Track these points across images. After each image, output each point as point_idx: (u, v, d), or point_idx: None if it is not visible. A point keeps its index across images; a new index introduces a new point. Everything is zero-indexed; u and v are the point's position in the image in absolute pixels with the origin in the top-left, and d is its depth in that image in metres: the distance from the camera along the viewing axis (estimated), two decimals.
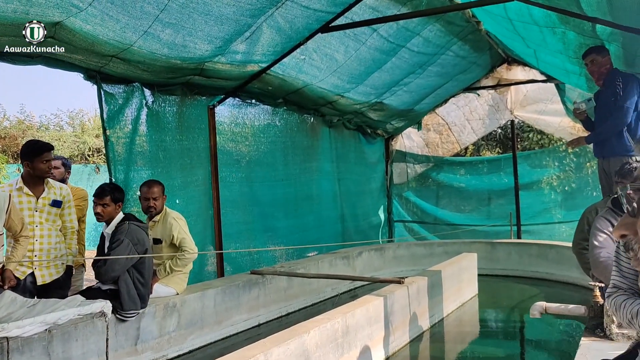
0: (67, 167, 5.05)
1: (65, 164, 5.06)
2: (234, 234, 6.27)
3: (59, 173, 4.86)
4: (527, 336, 5.37)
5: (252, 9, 4.35)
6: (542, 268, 7.31)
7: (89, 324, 3.76)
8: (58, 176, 4.83)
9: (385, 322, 4.34)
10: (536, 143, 13.73)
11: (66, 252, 4.17)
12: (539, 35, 5.32)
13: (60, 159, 5.07)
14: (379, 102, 7.77)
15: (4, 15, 3.28)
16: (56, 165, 4.86)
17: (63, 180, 4.88)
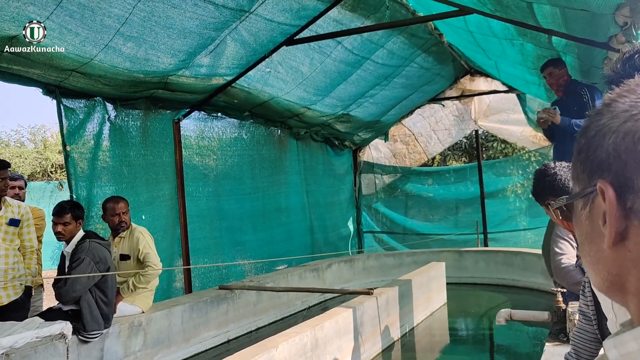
0: (26, 185, 4.91)
1: (26, 182, 4.94)
2: (202, 248, 6.18)
3: (23, 194, 4.73)
4: (495, 343, 5.44)
5: (216, 22, 4.34)
6: (508, 275, 7.43)
7: (49, 346, 3.63)
8: (23, 197, 4.69)
9: (354, 334, 4.33)
10: (500, 152, 14.02)
11: (25, 272, 4.04)
12: (499, 47, 5.45)
13: (22, 177, 4.92)
14: (346, 113, 7.82)
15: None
16: (21, 185, 4.72)
17: (23, 200, 4.74)
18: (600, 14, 3.04)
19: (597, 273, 0.55)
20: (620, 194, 0.50)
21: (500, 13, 4.17)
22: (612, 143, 0.51)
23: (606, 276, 0.54)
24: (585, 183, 0.54)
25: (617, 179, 0.50)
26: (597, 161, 0.52)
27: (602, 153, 0.52)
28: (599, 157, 0.52)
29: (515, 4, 3.72)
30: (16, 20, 3.33)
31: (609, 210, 0.51)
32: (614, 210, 0.50)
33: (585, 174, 0.55)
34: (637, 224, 0.49)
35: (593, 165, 0.53)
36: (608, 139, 0.51)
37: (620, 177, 0.50)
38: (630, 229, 0.50)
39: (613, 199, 0.50)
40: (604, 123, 0.53)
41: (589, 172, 0.54)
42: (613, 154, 0.50)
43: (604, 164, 0.51)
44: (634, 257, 0.50)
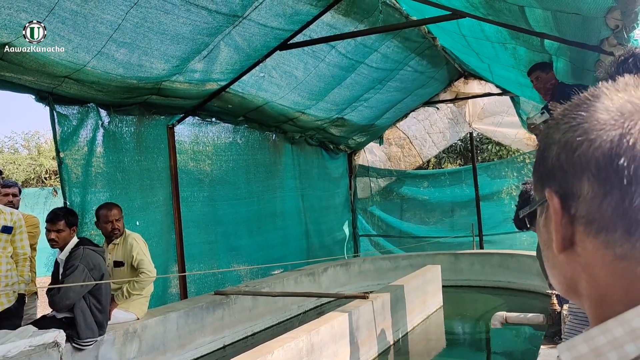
0: (20, 192, 4.88)
1: (20, 189, 4.92)
2: (197, 254, 6.16)
3: (17, 201, 4.71)
4: (492, 346, 5.44)
5: (209, 28, 4.34)
6: (504, 277, 7.44)
7: (43, 354, 3.60)
8: (17, 204, 4.66)
9: (350, 338, 4.32)
10: (495, 154, 14.07)
11: (18, 279, 4.01)
12: (492, 51, 5.48)
13: (16, 184, 4.89)
14: (340, 117, 7.83)
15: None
16: (15, 192, 4.69)
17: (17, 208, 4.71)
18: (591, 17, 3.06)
19: (555, 277, 0.59)
20: (564, 202, 0.53)
21: (492, 17, 4.19)
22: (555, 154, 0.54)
23: (562, 280, 0.57)
24: (540, 193, 0.58)
25: (561, 187, 0.53)
26: (545, 171, 0.56)
27: (548, 164, 0.55)
28: (547, 168, 0.56)
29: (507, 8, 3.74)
30: (8, 27, 3.32)
31: (554, 218, 0.54)
32: (559, 217, 0.53)
33: (539, 184, 0.58)
34: (581, 230, 0.52)
35: (542, 175, 0.57)
36: (552, 151, 0.55)
37: (564, 185, 0.53)
38: (577, 235, 0.53)
39: (558, 206, 0.53)
40: (549, 135, 0.56)
41: (541, 183, 0.57)
42: (556, 164, 0.54)
43: (550, 174, 0.55)
44: (582, 262, 0.53)
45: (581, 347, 0.49)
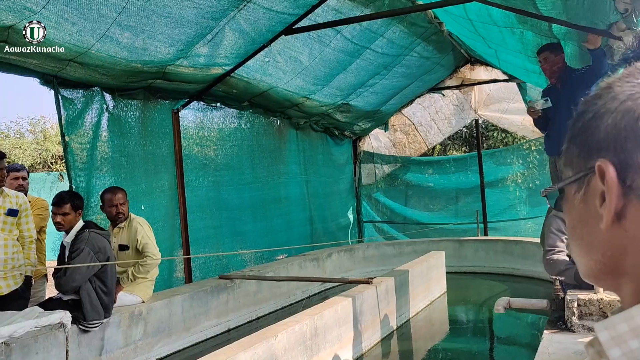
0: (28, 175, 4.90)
1: (28, 172, 4.93)
2: (202, 238, 6.19)
3: (27, 184, 4.73)
4: (495, 331, 5.46)
5: (214, 11, 4.31)
6: (508, 264, 7.45)
7: (50, 336, 3.65)
8: (27, 187, 4.70)
9: (354, 323, 4.34)
10: (500, 141, 14.01)
11: (24, 262, 4.04)
12: (499, 36, 5.42)
13: (24, 168, 4.91)
14: (345, 103, 7.80)
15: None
16: (24, 176, 4.72)
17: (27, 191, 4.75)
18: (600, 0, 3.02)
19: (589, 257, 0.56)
20: (620, 172, 0.51)
21: (500, 1, 4.14)
22: (612, 123, 0.52)
23: (600, 259, 0.54)
24: (581, 166, 0.55)
25: (617, 157, 0.51)
26: (594, 142, 0.53)
27: (600, 134, 0.53)
28: (596, 138, 0.53)
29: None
30: (13, 10, 3.31)
31: (610, 189, 0.51)
32: (615, 188, 0.51)
33: (581, 158, 0.55)
34: (635, 202, 0.50)
35: (591, 146, 0.54)
36: (607, 120, 0.52)
37: (620, 155, 0.51)
38: (629, 208, 0.51)
39: (614, 176, 0.51)
40: (602, 105, 0.54)
41: (585, 155, 0.55)
42: (612, 133, 0.51)
43: (603, 144, 0.52)
44: (630, 236, 0.51)
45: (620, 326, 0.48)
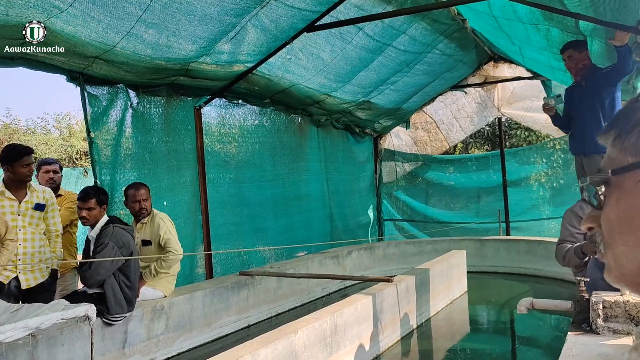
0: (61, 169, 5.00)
1: (61, 167, 5.04)
2: (223, 235, 6.24)
3: (59, 177, 4.85)
4: (516, 332, 5.39)
5: (236, 9, 4.33)
6: (531, 264, 7.35)
7: (75, 328, 3.72)
8: (58, 180, 4.82)
9: (374, 321, 4.34)
10: (524, 140, 13.82)
11: (51, 255, 4.13)
12: (524, 32, 5.34)
13: (57, 162, 5.02)
14: (367, 101, 7.77)
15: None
16: (56, 169, 4.84)
17: (59, 185, 4.85)
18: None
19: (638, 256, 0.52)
20: None
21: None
22: None
23: None
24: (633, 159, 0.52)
25: None
26: None
27: None
28: None
29: None
30: (40, 7, 3.37)
31: None
32: None
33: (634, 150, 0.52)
34: None
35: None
36: None
37: None
38: None
39: None
40: None
41: None
42: None
43: None
44: None
45: None
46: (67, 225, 4.74)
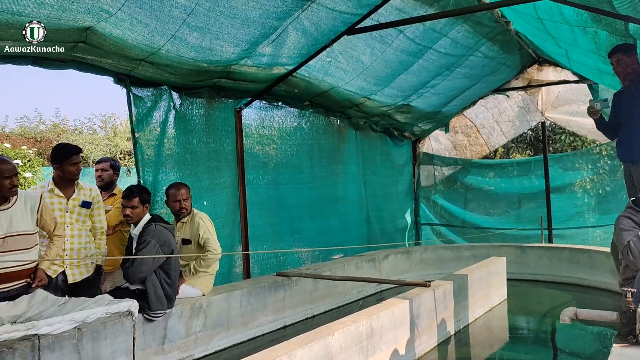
0: (115, 168, 5.10)
1: (114, 165, 5.12)
2: (261, 235, 6.31)
3: (107, 175, 4.98)
4: (558, 343, 5.25)
5: (278, 12, 4.37)
6: (574, 273, 7.14)
7: (117, 322, 3.83)
8: (107, 178, 4.96)
9: (410, 326, 4.30)
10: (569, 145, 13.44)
11: (96, 251, 4.26)
12: (571, 35, 5.20)
13: (109, 160, 5.16)
14: (406, 104, 7.72)
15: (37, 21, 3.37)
16: (104, 167, 4.98)
17: (112, 182, 4.99)
18: None
19: None
20: None
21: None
22: None
23: None
24: None
25: None
26: None
27: None
28: None
29: None
30: (91, 12, 3.49)
31: None
32: None
33: None
34: None
35: None
36: None
37: None
38: None
39: None
40: None
41: None
42: None
43: None
44: None
45: None
46: (119, 224, 4.83)
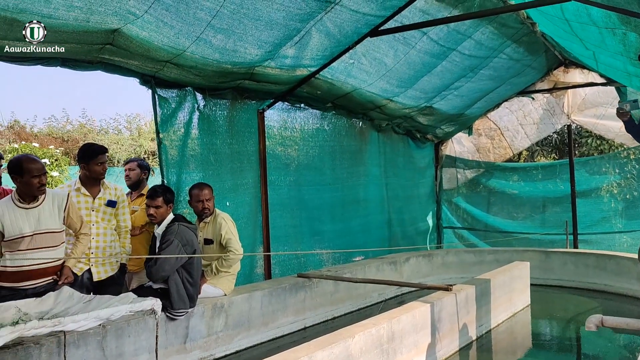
0: (143, 167, 5.14)
1: (141, 164, 5.17)
2: (282, 236, 6.33)
3: (134, 174, 5.05)
4: (583, 350, 5.15)
5: (302, 14, 4.39)
6: (600, 279, 6.99)
7: (141, 321, 3.88)
8: (134, 177, 5.03)
9: (432, 330, 4.26)
10: (595, 149, 13.21)
11: (120, 250, 4.33)
12: (598, 37, 5.11)
13: (136, 160, 5.24)
14: (429, 106, 7.67)
15: (66, 23, 3.44)
16: (131, 167, 5.06)
17: (140, 181, 5.06)
18: None
19: None
20: None
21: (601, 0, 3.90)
22: None
23: None
24: None
25: None
26: None
27: None
28: None
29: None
30: (118, 14, 3.55)
31: None
32: None
33: None
34: None
35: None
36: None
37: None
38: None
39: None
40: None
41: None
42: None
43: None
44: None
45: None
46: (146, 224, 4.86)
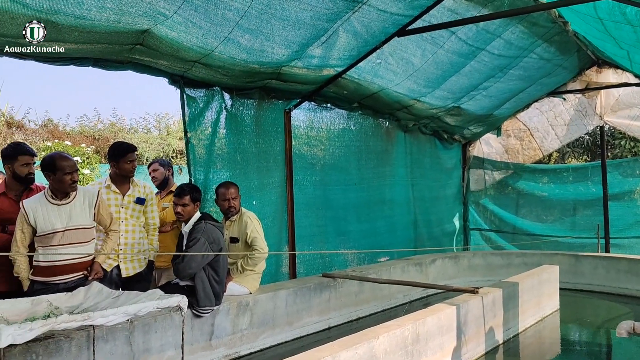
0: (165, 165, 5.23)
1: (163, 163, 5.27)
2: (307, 236, 6.34)
3: (159, 174, 5.15)
4: (613, 357, 5.02)
5: (329, 14, 4.39)
6: (632, 285, 6.81)
7: (167, 317, 3.94)
8: (159, 176, 5.13)
9: (457, 332, 4.21)
10: (629, 151, 12.87)
11: (148, 247, 4.39)
12: (633, 36, 4.98)
13: (157, 161, 5.34)
14: (457, 106, 7.58)
15: (99, 24, 3.51)
16: (154, 168, 5.16)
17: (167, 179, 5.15)
18: None
19: None
20: None
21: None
22: None
23: None
24: None
25: None
26: None
27: None
28: None
29: None
30: (148, 15, 3.60)
31: None
32: None
33: None
34: None
35: None
36: None
37: None
38: None
39: None
40: None
41: None
42: None
43: None
44: None
45: None
46: (176, 221, 4.89)
